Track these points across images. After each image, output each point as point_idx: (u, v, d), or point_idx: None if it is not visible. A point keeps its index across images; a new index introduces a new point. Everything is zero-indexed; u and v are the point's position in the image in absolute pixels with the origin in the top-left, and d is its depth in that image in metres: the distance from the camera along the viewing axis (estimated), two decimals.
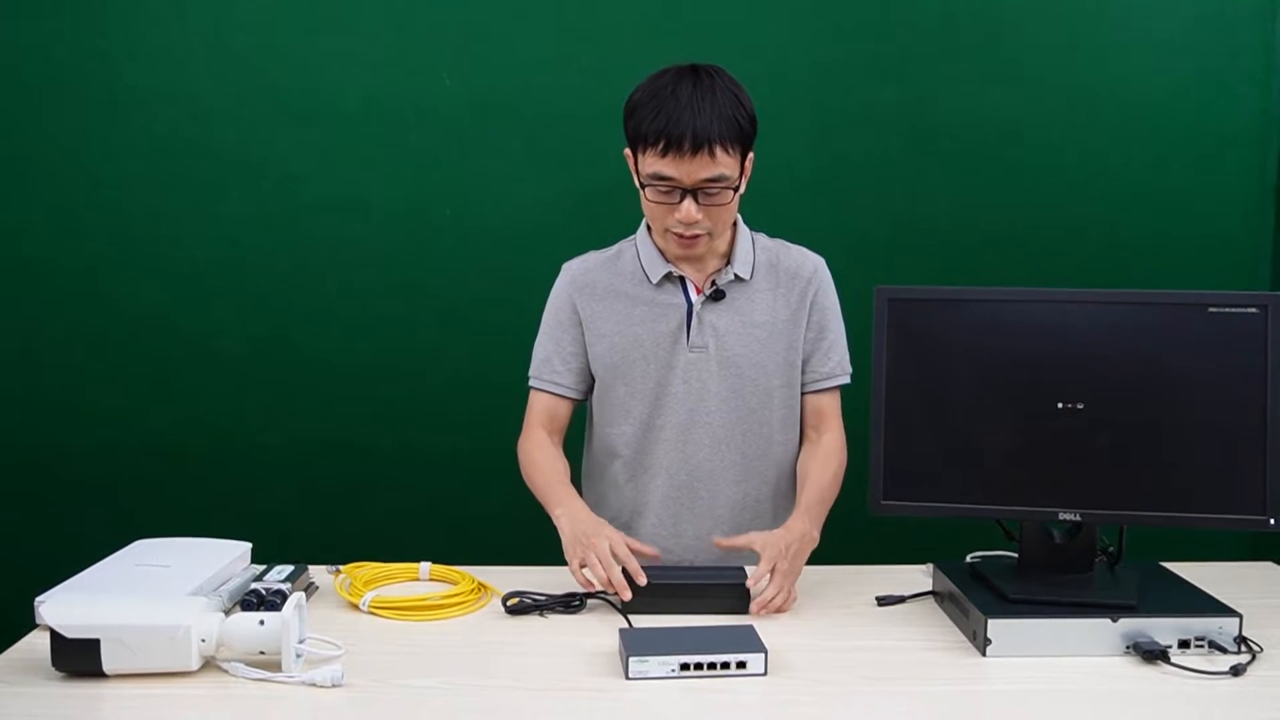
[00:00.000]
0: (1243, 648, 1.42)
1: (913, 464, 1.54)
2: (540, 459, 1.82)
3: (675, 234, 1.71)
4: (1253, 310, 1.47)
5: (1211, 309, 1.48)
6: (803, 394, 1.86)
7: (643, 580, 1.52)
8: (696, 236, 1.71)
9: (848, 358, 1.87)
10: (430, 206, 2.56)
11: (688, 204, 1.66)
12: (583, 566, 1.59)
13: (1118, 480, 1.49)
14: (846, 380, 1.87)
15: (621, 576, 1.54)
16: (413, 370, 2.60)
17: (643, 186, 1.70)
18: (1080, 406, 1.49)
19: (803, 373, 1.84)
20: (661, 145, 1.62)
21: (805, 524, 1.67)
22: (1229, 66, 2.58)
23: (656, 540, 1.83)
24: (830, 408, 1.86)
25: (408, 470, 2.62)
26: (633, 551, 1.59)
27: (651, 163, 1.65)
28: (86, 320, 2.56)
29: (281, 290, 2.57)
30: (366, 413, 2.60)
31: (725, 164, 1.65)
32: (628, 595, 1.53)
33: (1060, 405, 1.50)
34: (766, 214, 2.53)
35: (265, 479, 2.60)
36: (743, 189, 1.74)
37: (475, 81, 2.53)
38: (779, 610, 1.56)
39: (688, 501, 1.83)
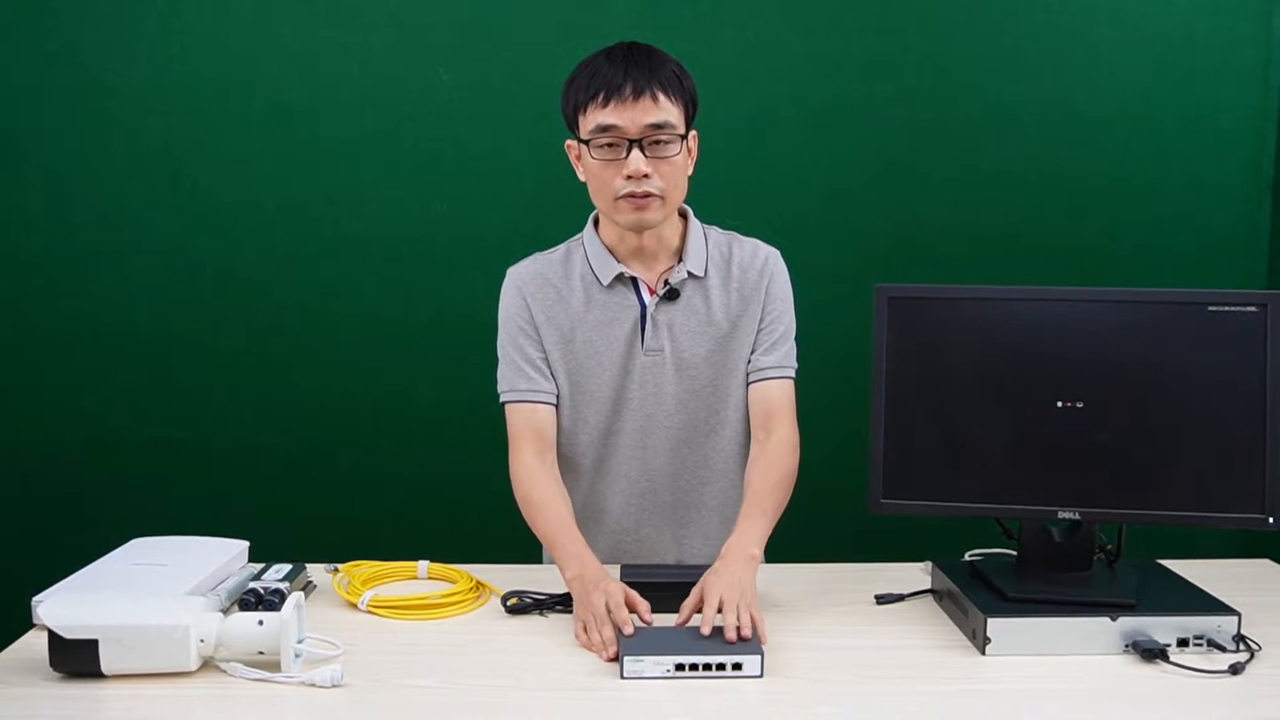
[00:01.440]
0: (1241, 646, 1.43)
1: (912, 462, 1.54)
2: (540, 499, 1.69)
3: (625, 197, 1.64)
4: (1252, 309, 1.47)
5: (1211, 308, 1.48)
6: (749, 384, 1.77)
7: (629, 631, 1.42)
8: (649, 196, 1.64)
9: (795, 353, 1.79)
10: (426, 202, 2.56)
11: (635, 155, 1.62)
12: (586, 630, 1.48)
13: (1117, 479, 1.49)
14: (790, 374, 1.78)
15: (612, 633, 1.43)
16: (410, 367, 2.60)
17: (587, 144, 1.64)
18: (1079, 405, 1.49)
19: (748, 361, 1.77)
20: (602, 96, 1.61)
21: (742, 545, 1.58)
22: (1226, 61, 2.58)
23: (619, 543, 1.82)
24: (780, 402, 1.76)
25: (405, 468, 2.61)
26: (629, 608, 1.49)
27: (594, 117, 1.62)
28: (82, 318, 2.55)
29: (277, 286, 2.56)
30: (364, 410, 2.60)
31: (669, 111, 1.62)
32: (611, 652, 1.41)
33: (1059, 404, 1.50)
34: (763, 209, 2.54)
35: (262, 477, 2.60)
36: (690, 164, 1.70)
37: (471, 75, 2.52)
38: (744, 634, 1.41)
39: (650, 507, 1.80)
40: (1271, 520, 1.46)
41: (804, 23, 2.53)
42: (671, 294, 1.74)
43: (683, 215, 1.79)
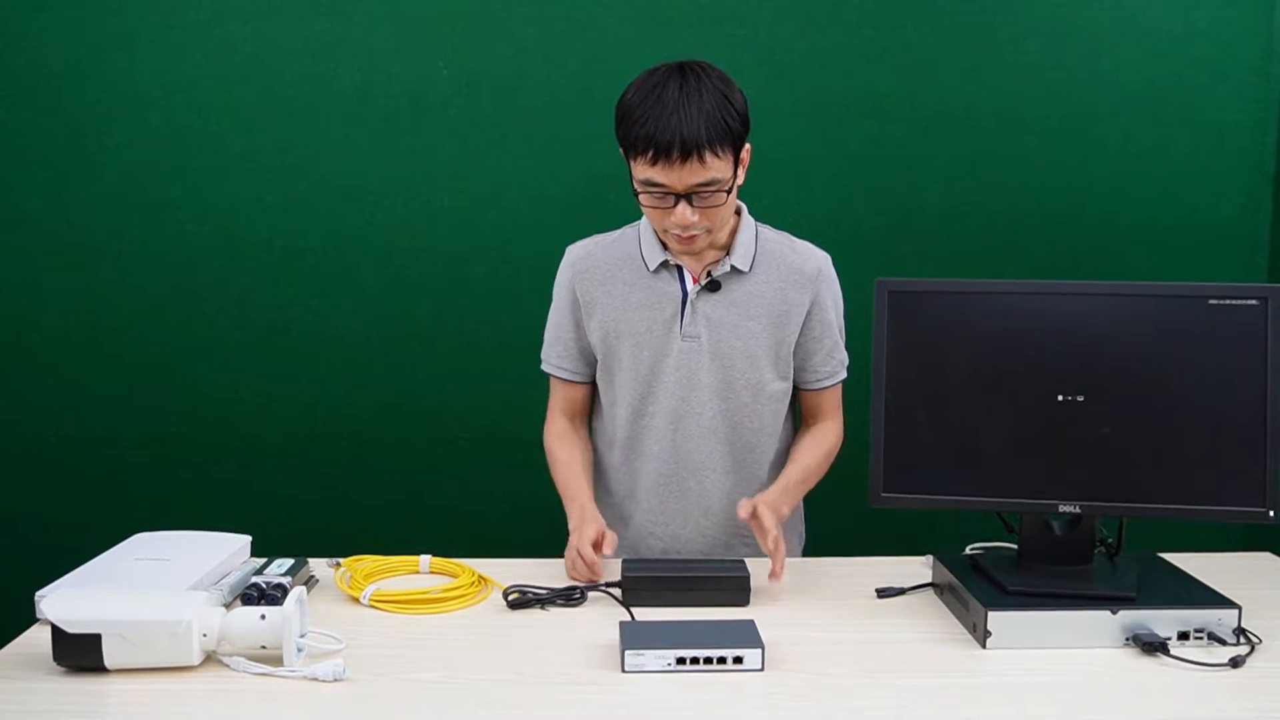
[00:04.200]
0: (1241, 639, 1.43)
1: (913, 456, 1.54)
2: (559, 452, 1.87)
3: (674, 234, 1.71)
4: (1253, 302, 1.47)
5: (1212, 301, 1.48)
6: (803, 390, 1.88)
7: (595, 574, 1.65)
8: (694, 236, 1.70)
9: (845, 354, 1.89)
10: (427, 195, 2.55)
11: (682, 208, 1.65)
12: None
13: (1117, 472, 1.50)
14: (845, 375, 1.90)
15: (587, 564, 1.65)
16: (411, 361, 2.60)
17: (636, 194, 1.70)
18: (1080, 399, 1.49)
19: (805, 370, 1.85)
20: (651, 154, 1.60)
21: (776, 497, 1.73)
22: (1227, 54, 2.57)
23: (646, 528, 1.86)
24: (831, 403, 1.90)
25: (407, 462, 2.61)
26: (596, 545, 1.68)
27: (643, 170, 1.64)
28: (83, 312, 2.55)
29: (279, 280, 2.56)
30: (365, 404, 2.60)
31: (716, 168, 1.62)
32: (592, 574, 1.65)
33: (1060, 397, 1.50)
34: (764, 203, 2.53)
35: (264, 472, 2.60)
36: (740, 181, 1.72)
37: (472, 70, 2.52)
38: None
39: (677, 492, 1.84)
40: (1272, 514, 1.46)
41: (803, 16, 2.53)
42: (713, 285, 1.79)
43: (736, 212, 1.83)
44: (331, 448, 2.61)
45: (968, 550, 1.68)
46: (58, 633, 1.32)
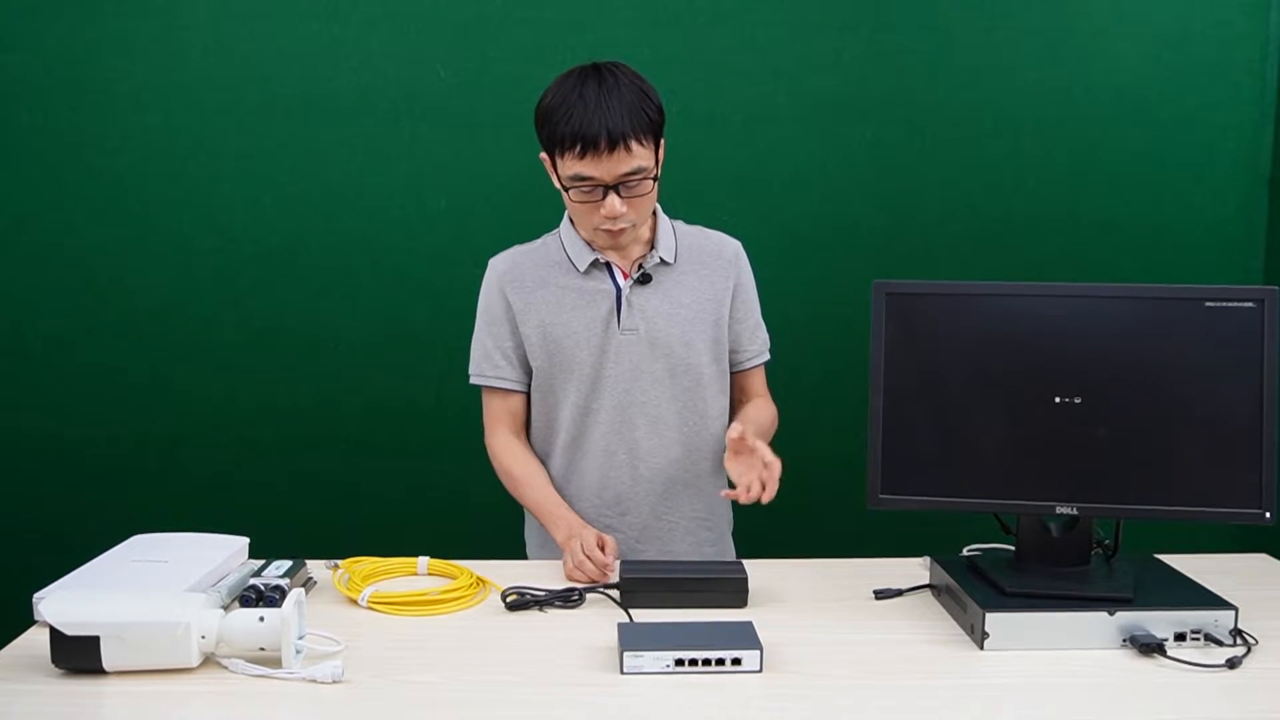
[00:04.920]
0: (1238, 640, 1.43)
1: (910, 458, 1.54)
2: (519, 470, 1.88)
3: (603, 230, 1.76)
4: (1249, 304, 1.48)
5: (1208, 303, 1.49)
6: (733, 373, 1.94)
7: (607, 574, 1.68)
8: (622, 230, 1.76)
9: (767, 335, 1.97)
10: (424, 198, 2.56)
11: (611, 199, 1.71)
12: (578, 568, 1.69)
13: (1114, 474, 1.50)
14: (768, 357, 1.97)
15: (598, 563, 1.67)
16: (409, 362, 2.60)
17: (565, 189, 1.74)
18: (1077, 400, 1.50)
19: (734, 351, 1.92)
20: (579, 148, 1.67)
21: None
22: (1223, 56, 2.58)
23: (600, 515, 1.88)
24: (759, 383, 1.97)
25: (405, 463, 2.62)
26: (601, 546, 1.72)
27: (571, 165, 1.70)
28: (81, 314, 2.55)
29: (276, 282, 2.56)
30: (362, 405, 2.60)
31: (641, 156, 1.70)
32: (605, 575, 1.66)
33: (1057, 399, 1.50)
34: (761, 206, 2.54)
35: (262, 473, 2.60)
36: (658, 174, 1.78)
37: (469, 72, 2.52)
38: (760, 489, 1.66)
39: (628, 480, 1.87)
40: (1269, 515, 1.47)
41: (800, 18, 2.53)
42: (644, 278, 1.84)
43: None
44: (330, 449, 2.61)
45: (965, 551, 1.68)
46: (56, 635, 1.32)
